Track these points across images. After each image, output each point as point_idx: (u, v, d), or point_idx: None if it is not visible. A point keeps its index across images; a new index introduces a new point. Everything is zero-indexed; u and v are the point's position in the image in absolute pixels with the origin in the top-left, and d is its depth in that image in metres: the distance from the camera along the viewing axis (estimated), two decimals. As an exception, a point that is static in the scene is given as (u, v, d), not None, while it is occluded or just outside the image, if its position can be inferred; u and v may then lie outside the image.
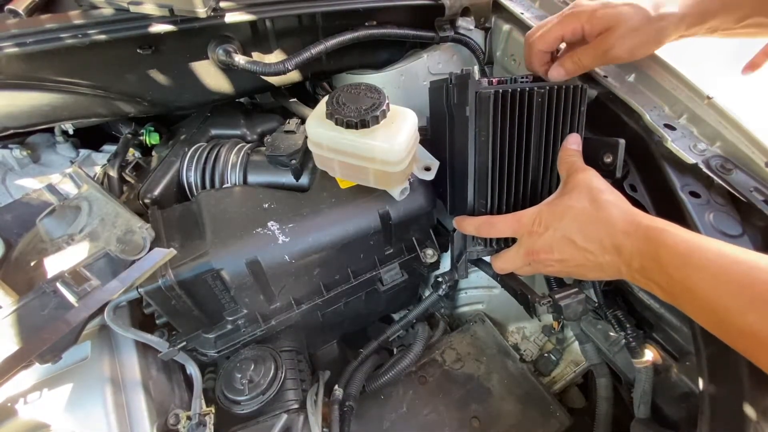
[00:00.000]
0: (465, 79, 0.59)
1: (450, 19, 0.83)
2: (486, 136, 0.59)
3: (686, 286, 0.43)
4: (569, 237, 0.52)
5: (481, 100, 0.58)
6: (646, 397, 0.71)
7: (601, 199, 0.51)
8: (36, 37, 0.57)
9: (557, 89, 0.58)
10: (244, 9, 0.66)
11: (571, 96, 0.59)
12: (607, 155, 0.62)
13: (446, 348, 0.94)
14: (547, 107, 0.59)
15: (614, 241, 0.49)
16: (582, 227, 0.51)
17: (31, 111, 0.66)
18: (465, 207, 0.66)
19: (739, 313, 0.39)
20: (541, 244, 0.55)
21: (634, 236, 0.47)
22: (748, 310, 0.39)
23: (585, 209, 0.52)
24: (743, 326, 0.39)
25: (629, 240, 0.48)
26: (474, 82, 0.58)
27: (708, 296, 0.41)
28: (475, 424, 0.82)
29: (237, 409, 0.63)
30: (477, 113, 0.59)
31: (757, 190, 0.54)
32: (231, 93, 0.78)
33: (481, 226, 0.62)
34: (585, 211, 0.51)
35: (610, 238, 0.49)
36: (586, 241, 0.51)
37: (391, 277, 0.74)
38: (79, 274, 0.52)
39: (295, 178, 0.71)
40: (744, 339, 0.40)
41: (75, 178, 0.65)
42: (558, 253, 0.54)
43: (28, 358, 0.48)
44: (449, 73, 0.64)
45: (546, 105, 0.58)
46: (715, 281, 0.41)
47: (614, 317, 0.74)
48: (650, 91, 0.66)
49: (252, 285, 0.63)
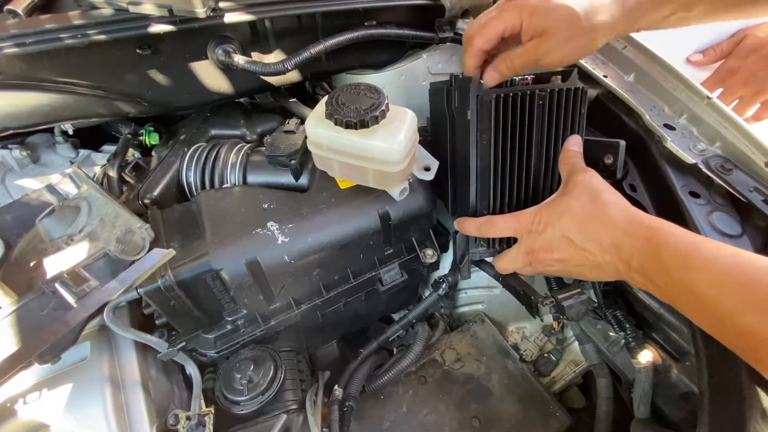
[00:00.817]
0: (466, 83, 0.59)
1: (450, 20, 0.83)
2: (488, 139, 0.59)
3: (686, 287, 0.43)
4: (568, 236, 0.52)
5: (483, 104, 0.58)
6: (646, 398, 0.71)
7: (601, 198, 0.51)
8: (36, 37, 0.57)
9: (558, 92, 0.58)
10: (243, 9, 0.66)
11: (572, 98, 0.59)
12: (607, 156, 0.63)
13: (446, 348, 0.94)
14: (548, 109, 0.59)
15: (613, 241, 0.49)
16: (581, 226, 0.51)
17: (31, 111, 0.66)
18: (467, 209, 0.66)
19: (738, 314, 0.39)
20: (541, 243, 0.55)
21: (633, 236, 0.47)
22: (747, 311, 0.39)
23: (584, 208, 0.52)
24: (742, 327, 0.39)
25: (629, 239, 0.48)
26: (475, 86, 0.58)
27: (708, 297, 0.41)
28: (475, 424, 0.82)
29: (236, 410, 0.63)
30: (478, 117, 0.59)
31: (756, 190, 0.54)
32: (230, 93, 0.78)
33: (481, 226, 0.62)
34: (584, 211, 0.52)
35: (609, 238, 0.49)
36: (585, 240, 0.51)
37: (391, 278, 0.74)
38: (79, 275, 0.52)
39: (295, 179, 0.71)
40: (742, 340, 0.40)
41: (75, 178, 0.65)
42: (557, 253, 0.54)
43: (28, 359, 0.48)
44: (450, 75, 0.64)
45: (547, 107, 0.58)
46: (715, 282, 0.41)
47: (614, 317, 0.74)
48: (650, 90, 0.66)
49: (251, 285, 0.63)
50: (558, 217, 0.53)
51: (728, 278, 0.40)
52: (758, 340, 0.38)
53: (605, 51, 0.72)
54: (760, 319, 0.38)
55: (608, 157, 0.63)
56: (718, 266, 0.41)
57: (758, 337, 0.38)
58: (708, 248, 0.43)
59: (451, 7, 0.80)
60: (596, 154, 0.63)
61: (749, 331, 0.39)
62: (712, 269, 0.41)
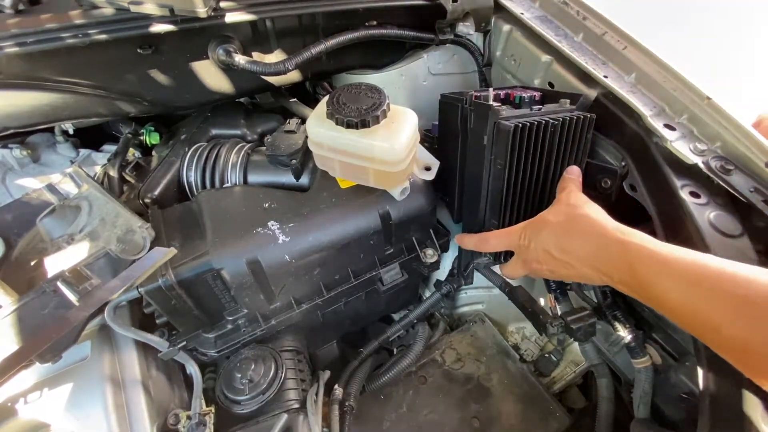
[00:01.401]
0: (485, 109, 0.61)
1: (451, 23, 0.83)
2: (502, 164, 0.61)
3: (661, 300, 0.44)
4: (547, 249, 0.55)
5: (500, 132, 0.60)
6: (646, 398, 0.71)
7: (576, 213, 0.53)
8: (36, 36, 0.57)
9: (569, 120, 0.61)
10: (244, 9, 0.66)
11: (581, 125, 0.62)
12: (605, 180, 0.67)
13: (446, 348, 0.94)
14: (559, 135, 0.61)
15: (589, 253, 0.50)
16: (557, 241, 0.54)
17: (32, 111, 0.66)
18: (475, 222, 0.70)
19: (716, 325, 0.40)
20: (530, 256, 0.58)
21: (607, 251, 0.49)
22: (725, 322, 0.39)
23: (560, 224, 0.54)
24: (726, 335, 0.39)
25: (604, 253, 0.49)
26: (494, 113, 0.60)
27: (682, 309, 0.42)
28: (475, 424, 0.82)
29: (237, 409, 0.63)
30: (494, 142, 0.61)
31: (756, 190, 0.54)
32: (231, 93, 0.78)
33: (479, 242, 0.67)
34: (560, 226, 0.54)
35: (584, 250, 0.51)
36: (562, 253, 0.53)
37: (391, 277, 0.74)
38: (80, 274, 0.52)
39: (296, 178, 0.71)
40: (722, 348, 0.41)
41: (75, 177, 0.65)
42: (545, 264, 0.56)
43: (29, 358, 0.48)
44: (464, 95, 0.66)
45: (558, 134, 0.61)
46: (686, 293, 0.42)
47: (614, 317, 0.74)
48: (650, 91, 0.66)
49: (252, 285, 0.63)
50: (537, 232, 0.56)
51: (697, 290, 0.41)
52: (740, 347, 0.39)
53: (605, 51, 0.72)
54: (738, 327, 0.38)
55: (605, 181, 0.67)
56: (688, 278, 0.42)
57: (736, 344, 0.39)
58: (678, 262, 0.43)
59: (452, 10, 0.80)
60: (594, 176, 0.68)
61: (727, 338, 0.39)
62: (682, 283, 0.42)
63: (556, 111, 0.63)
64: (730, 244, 0.52)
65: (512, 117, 0.60)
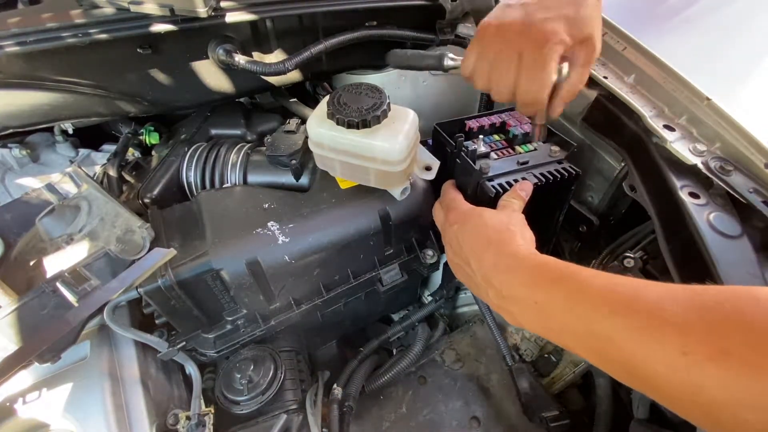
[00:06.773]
0: (470, 167, 0.62)
1: (451, 23, 0.83)
2: None
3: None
4: (460, 239, 0.54)
5: (482, 191, 0.62)
6: (646, 398, 0.71)
7: (509, 228, 0.51)
8: (36, 36, 0.57)
9: (554, 179, 0.62)
10: (244, 9, 0.66)
11: (567, 180, 0.64)
12: (581, 226, 0.71)
13: (446, 348, 0.94)
14: (543, 189, 0.62)
15: (496, 264, 0.48)
16: (475, 239, 0.52)
17: (31, 110, 0.66)
18: None
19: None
20: (447, 237, 0.58)
21: (516, 270, 0.46)
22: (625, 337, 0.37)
23: (491, 225, 0.52)
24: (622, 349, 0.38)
25: (518, 271, 0.46)
26: (477, 174, 0.62)
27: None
28: (475, 424, 0.82)
29: (236, 410, 0.63)
30: (478, 198, 0.63)
31: (756, 191, 0.54)
32: (231, 93, 0.78)
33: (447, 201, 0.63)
34: (488, 227, 0.52)
35: (493, 259, 0.49)
36: (471, 251, 0.52)
37: (391, 278, 0.74)
38: (79, 274, 0.52)
39: (295, 178, 0.71)
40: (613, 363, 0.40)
41: (74, 177, 0.65)
42: (451, 253, 0.57)
43: (28, 358, 0.47)
44: (455, 138, 0.66)
45: (542, 189, 0.62)
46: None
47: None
48: (650, 92, 0.67)
49: (252, 285, 0.63)
50: (464, 220, 0.55)
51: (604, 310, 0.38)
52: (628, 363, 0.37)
53: (605, 52, 0.73)
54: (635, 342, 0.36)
55: (582, 227, 0.71)
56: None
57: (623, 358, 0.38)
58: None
59: (451, 10, 0.80)
60: (574, 221, 0.71)
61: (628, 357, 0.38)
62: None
63: (544, 163, 0.64)
64: (729, 245, 0.52)
65: (496, 176, 0.62)
